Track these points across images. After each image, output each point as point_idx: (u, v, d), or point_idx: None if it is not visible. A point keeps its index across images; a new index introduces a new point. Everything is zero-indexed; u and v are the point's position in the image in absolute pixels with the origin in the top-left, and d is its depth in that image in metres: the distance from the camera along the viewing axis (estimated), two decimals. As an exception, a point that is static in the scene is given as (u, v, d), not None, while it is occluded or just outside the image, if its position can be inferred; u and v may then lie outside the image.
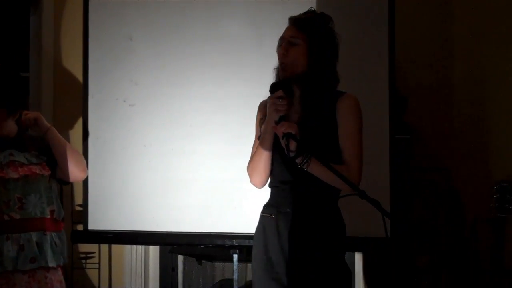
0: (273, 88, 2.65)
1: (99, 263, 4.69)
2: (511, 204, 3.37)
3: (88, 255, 4.68)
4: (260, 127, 2.78)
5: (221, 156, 3.81)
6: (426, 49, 4.35)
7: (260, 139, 2.72)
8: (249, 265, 4.46)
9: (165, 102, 3.89)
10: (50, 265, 3.23)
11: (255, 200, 3.72)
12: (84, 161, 3.41)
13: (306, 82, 2.67)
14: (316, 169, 2.59)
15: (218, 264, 4.60)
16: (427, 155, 4.24)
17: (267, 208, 2.81)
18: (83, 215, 4.05)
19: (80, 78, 4.08)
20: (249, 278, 4.47)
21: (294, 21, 2.72)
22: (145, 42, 3.91)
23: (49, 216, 3.30)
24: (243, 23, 3.82)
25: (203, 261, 4.46)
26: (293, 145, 2.52)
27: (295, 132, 2.52)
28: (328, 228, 2.69)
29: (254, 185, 2.84)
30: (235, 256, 3.77)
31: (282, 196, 2.74)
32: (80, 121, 4.22)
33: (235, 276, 3.78)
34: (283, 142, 2.53)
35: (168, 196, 3.88)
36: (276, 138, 2.67)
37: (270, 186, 2.83)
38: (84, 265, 4.70)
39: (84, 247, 4.68)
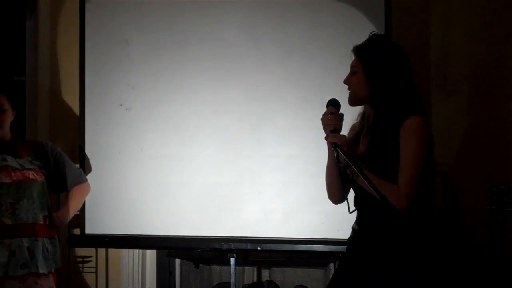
0: (327, 105, 2.75)
1: (96, 267, 4.67)
2: (508, 207, 3.37)
3: (85, 259, 4.66)
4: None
5: (217, 160, 3.80)
6: (421, 43, 4.35)
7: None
8: (246, 268, 4.47)
9: (161, 106, 3.88)
10: (41, 271, 3.23)
11: (252, 204, 3.76)
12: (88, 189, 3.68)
13: (372, 107, 2.77)
14: (364, 183, 2.61)
15: (215, 268, 4.59)
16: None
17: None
18: (80, 219, 4.03)
19: (76, 82, 4.06)
20: (246, 281, 4.47)
21: (354, 50, 2.81)
22: (141, 46, 3.91)
23: (42, 222, 3.29)
24: (240, 27, 3.81)
25: (200, 265, 4.45)
26: (342, 157, 2.62)
27: (341, 143, 2.61)
28: (398, 254, 2.68)
29: (330, 200, 2.90)
30: (232, 260, 3.76)
31: (358, 214, 2.81)
32: (76, 125, 4.21)
33: (232, 280, 3.77)
34: (334, 153, 2.65)
35: (165, 200, 3.87)
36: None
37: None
38: (81, 269, 4.69)
39: (81, 251, 4.66)
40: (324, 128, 2.70)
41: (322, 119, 2.72)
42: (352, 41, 3.51)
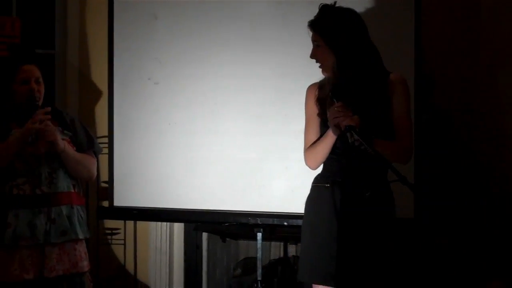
0: (333, 94, 2.84)
1: (124, 239, 4.73)
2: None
3: (114, 231, 4.72)
4: (318, 108, 2.95)
5: (245, 135, 3.79)
6: (454, 28, 4.27)
7: (326, 133, 2.89)
8: (273, 243, 4.48)
9: (189, 81, 3.87)
10: (80, 237, 3.31)
11: (278, 180, 3.75)
12: (95, 165, 3.48)
13: (341, 73, 2.87)
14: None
15: (242, 242, 4.61)
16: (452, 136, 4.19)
17: (322, 178, 2.98)
18: (108, 192, 4.08)
19: (105, 56, 4.08)
20: (272, 256, 4.48)
21: (310, 25, 2.93)
22: (169, 20, 3.89)
23: (73, 190, 3.35)
24: (267, 2, 3.77)
25: (227, 239, 4.47)
26: (354, 135, 2.71)
27: (355, 124, 2.70)
28: (378, 197, 2.87)
29: (310, 166, 3.03)
30: (259, 235, 3.77)
31: (337, 166, 2.91)
32: (105, 99, 4.23)
33: (258, 255, 3.79)
34: (348, 135, 2.72)
35: (193, 174, 3.88)
36: None
37: None
38: (110, 241, 4.75)
39: (109, 223, 4.72)
40: (336, 120, 2.75)
41: (331, 114, 2.78)
42: (379, 19, 3.50)
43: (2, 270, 3.19)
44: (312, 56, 2.94)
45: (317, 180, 3.02)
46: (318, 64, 2.95)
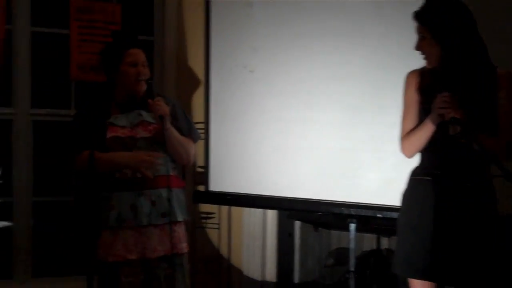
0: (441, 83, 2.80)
1: (219, 224, 4.79)
2: None
3: (209, 215, 4.79)
4: (418, 95, 2.90)
5: (339, 125, 3.74)
6: None
7: (424, 122, 2.85)
8: (365, 235, 4.43)
9: (284, 69, 3.86)
10: (179, 219, 3.36)
11: (372, 171, 3.70)
12: (193, 150, 3.48)
13: (448, 65, 2.81)
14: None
15: (334, 232, 4.57)
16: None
17: (421, 171, 2.92)
18: (204, 177, 4.14)
19: (202, 43, 4.13)
20: (364, 248, 4.43)
21: (415, 16, 2.85)
22: (265, 8, 3.90)
23: (172, 173, 3.41)
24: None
25: (320, 228, 4.45)
26: (458, 128, 2.68)
27: (460, 116, 2.67)
28: (480, 191, 2.82)
29: (405, 155, 2.99)
30: (352, 225, 3.73)
31: (437, 159, 2.86)
32: (202, 86, 4.28)
33: (351, 245, 3.75)
34: (451, 127, 2.69)
35: (286, 161, 3.88)
36: None
37: (422, 151, 2.93)
38: (204, 224, 4.82)
39: (205, 207, 4.79)
40: (442, 111, 2.71)
41: (437, 102, 2.73)
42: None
43: (107, 250, 3.29)
44: (417, 48, 2.85)
45: (416, 173, 2.96)
46: (422, 56, 2.86)
